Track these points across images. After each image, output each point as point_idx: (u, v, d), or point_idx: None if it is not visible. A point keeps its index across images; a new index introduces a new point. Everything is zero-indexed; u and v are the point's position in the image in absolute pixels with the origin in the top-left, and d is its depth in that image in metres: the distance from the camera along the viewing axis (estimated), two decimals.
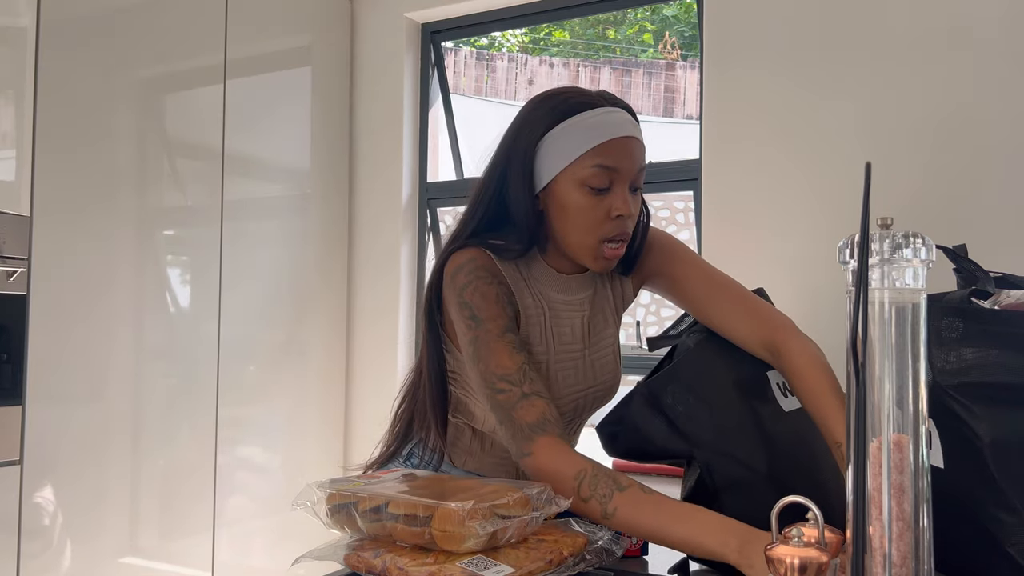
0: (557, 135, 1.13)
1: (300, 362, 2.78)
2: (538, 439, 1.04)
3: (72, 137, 2.10)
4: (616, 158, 1.12)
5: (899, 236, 0.72)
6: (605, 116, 1.13)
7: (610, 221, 1.13)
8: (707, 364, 1.14)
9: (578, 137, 1.12)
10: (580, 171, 1.12)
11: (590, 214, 1.12)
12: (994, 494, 0.88)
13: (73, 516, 2.08)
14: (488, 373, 1.09)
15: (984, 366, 0.90)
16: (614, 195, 1.13)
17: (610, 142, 1.12)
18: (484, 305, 1.12)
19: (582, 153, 1.11)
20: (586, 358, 1.24)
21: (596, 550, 0.93)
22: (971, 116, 2.07)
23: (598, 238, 1.13)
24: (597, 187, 1.12)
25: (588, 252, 1.15)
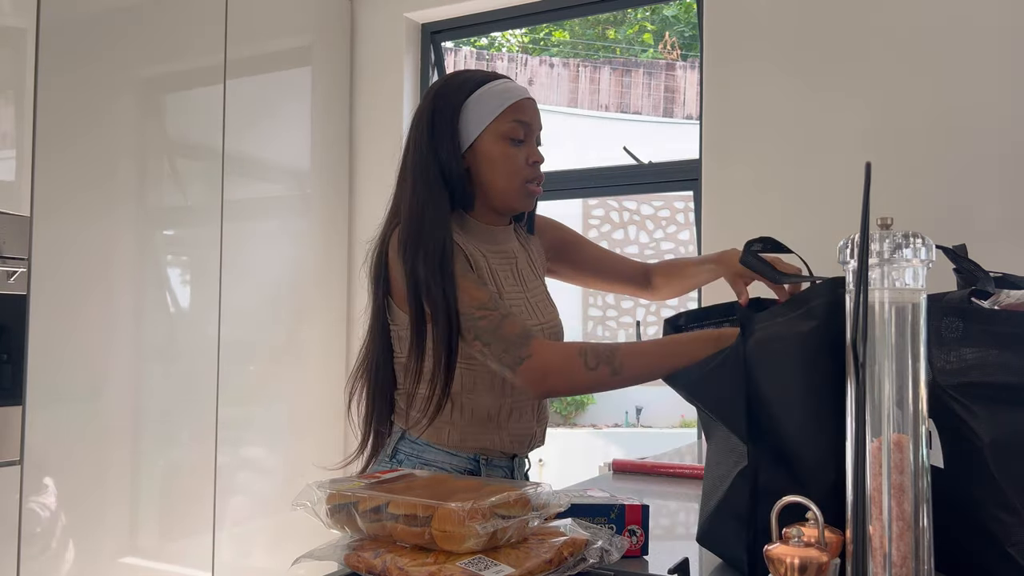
0: (475, 100, 1.33)
1: (300, 362, 2.78)
2: (532, 342, 1.18)
3: (72, 137, 2.10)
4: (528, 114, 1.34)
5: (899, 236, 0.72)
6: (510, 83, 1.36)
7: (528, 167, 1.34)
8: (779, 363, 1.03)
9: (495, 99, 1.32)
10: (501, 126, 1.32)
11: (513, 161, 1.33)
12: (994, 494, 0.88)
13: (73, 516, 2.08)
14: (464, 308, 1.22)
15: (984, 366, 0.90)
16: (529, 146, 1.34)
17: (521, 101, 1.34)
18: None
19: (501, 111, 1.32)
20: (528, 299, 1.39)
21: (596, 550, 0.93)
22: (971, 116, 2.07)
23: (522, 180, 1.34)
24: (517, 138, 1.33)
25: (515, 193, 1.35)
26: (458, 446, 1.32)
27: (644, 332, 8.63)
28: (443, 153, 1.32)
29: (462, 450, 1.32)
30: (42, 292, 2.01)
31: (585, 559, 0.92)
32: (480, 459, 1.34)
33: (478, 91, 1.33)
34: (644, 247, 9.40)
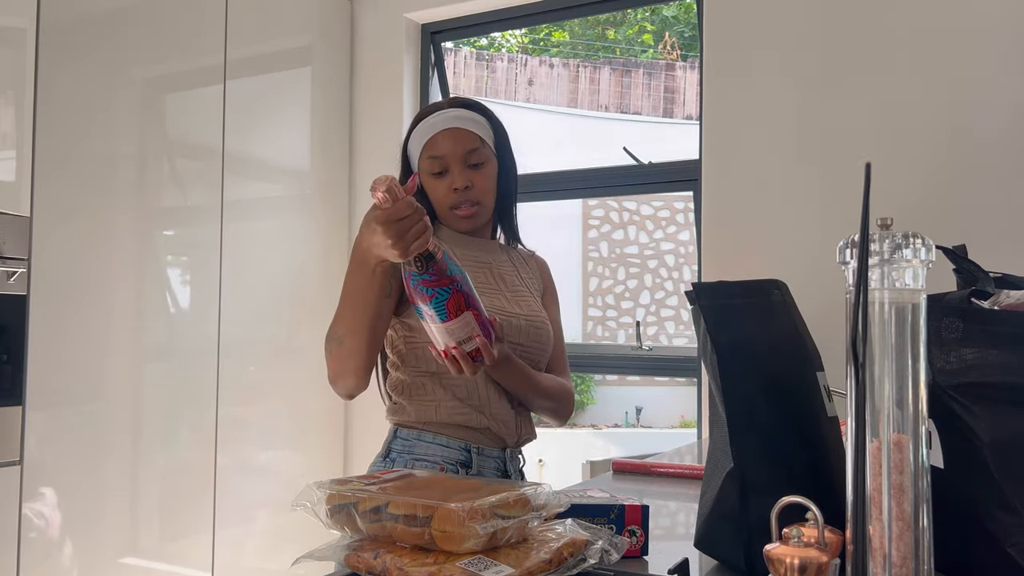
0: (411, 141, 1.47)
1: (300, 362, 2.78)
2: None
3: (72, 137, 2.10)
4: (440, 148, 1.41)
5: (899, 236, 0.72)
6: (434, 118, 1.44)
7: (452, 194, 1.42)
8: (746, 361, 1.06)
9: (416, 140, 1.45)
10: (423, 164, 1.44)
11: (437, 192, 1.44)
12: (994, 494, 0.88)
13: (73, 516, 2.08)
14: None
15: (984, 366, 0.90)
16: (450, 175, 1.42)
17: (435, 136, 1.42)
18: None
19: (420, 149, 1.44)
20: (507, 296, 1.45)
21: (596, 550, 0.93)
22: (971, 116, 2.07)
23: (447, 207, 1.43)
24: (435, 172, 1.43)
25: (447, 218, 1.45)
26: (447, 428, 1.35)
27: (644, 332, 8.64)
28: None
29: (453, 436, 1.34)
30: (42, 292, 2.01)
31: (585, 559, 0.92)
32: (472, 448, 1.35)
33: (413, 131, 1.46)
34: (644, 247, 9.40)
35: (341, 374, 1.35)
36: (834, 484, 0.96)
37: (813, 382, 1.01)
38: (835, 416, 1.03)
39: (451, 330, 1.17)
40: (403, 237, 1.09)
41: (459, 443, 1.36)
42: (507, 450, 1.41)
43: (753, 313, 1.01)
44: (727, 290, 1.02)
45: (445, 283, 1.14)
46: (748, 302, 1.02)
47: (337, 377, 1.36)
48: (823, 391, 1.02)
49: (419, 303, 1.16)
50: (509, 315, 1.40)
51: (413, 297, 1.16)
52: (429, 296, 1.14)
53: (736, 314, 1.01)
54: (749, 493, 0.96)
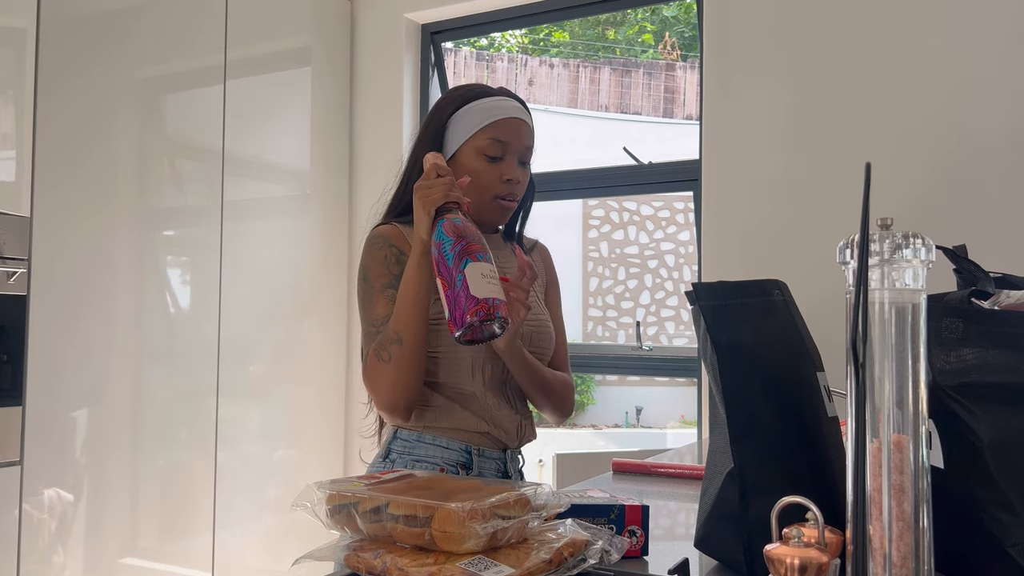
0: (461, 115, 1.38)
1: (300, 362, 2.78)
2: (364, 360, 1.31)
3: (72, 137, 2.10)
4: (507, 134, 1.37)
5: (899, 236, 0.72)
6: (499, 101, 1.40)
7: (502, 184, 1.38)
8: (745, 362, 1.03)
9: (477, 116, 1.38)
10: (479, 142, 1.37)
11: (486, 177, 1.37)
12: (994, 494, 0.88)
13: (73, 516, 2.08)
14: (365, 319, 1.35)
15: (984, 366, 0.90)
16: (506, 164, 1.38)
17: (502, 120, 1.37)
18: (373, 265, 1.36)
19: (481, 127, 1.37)
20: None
21: (596, 551, 0.93)
22: (971, 116, 2.07)
23: (492, 195, 1.38)
24: (492, 155, 1.37)
25: (485, 207, 1.39)
26: (447, 431, 1.35)
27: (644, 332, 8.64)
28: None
29: (453, 439, 1.34)
30: (42, 292, 2.01)
31: (585, 559, 0.92)
32: (472, 450, 1.35)
33: (467, 105, 1.39)
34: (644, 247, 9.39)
35: (402, 382, 1.26)
36: (834, 484, 0.96)
37: (813, 382, 1.01)
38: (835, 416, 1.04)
39: (482, 273, 1.13)
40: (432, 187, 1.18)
41: (459, 445, 1.35)
42: (507, 451, 1.41)
43: (753, 313, 1.01)
44: (727, 290, 1.02)
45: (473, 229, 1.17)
46: (748, 302, 1.02)
47: (396, 387, 1.27)
48: (823, 391, 1.02)
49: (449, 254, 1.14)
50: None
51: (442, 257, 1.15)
52: (459, 241, 1.14)
53: (736, 314, 1.01)
54: (749, 493, 0.96)
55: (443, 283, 1.14)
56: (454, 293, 1.12)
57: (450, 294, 1.13)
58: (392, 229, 1.39)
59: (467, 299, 1.11)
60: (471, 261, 1.12)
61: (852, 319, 0.67)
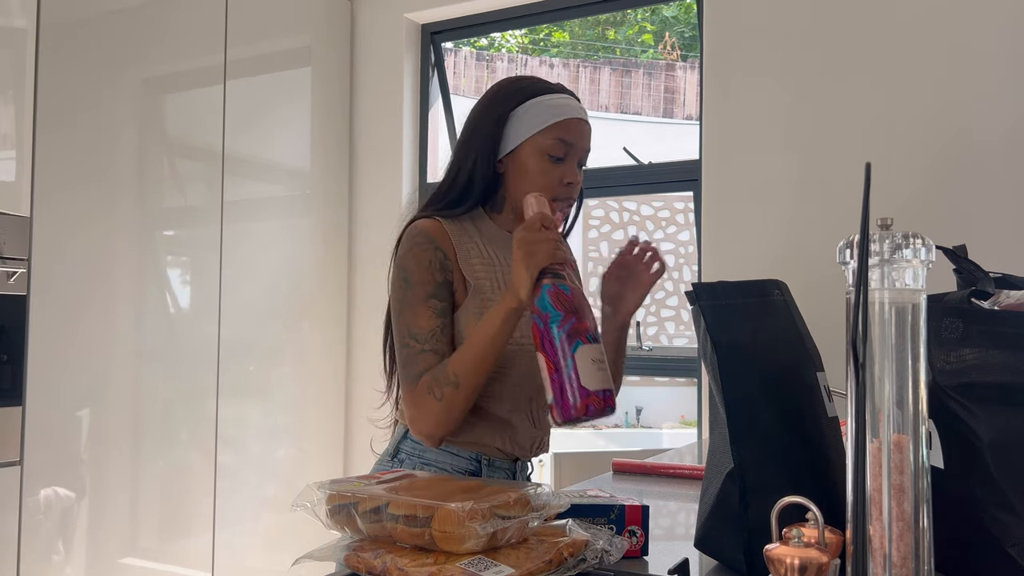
0: (526, 109, 1.32)
1: (300, 362, 2.78)
2: (412, 387, 1.23)
3: (72, 137, 2.10)
4: (573, 135, 1.32)
5: (899, 236, 0.72)
6: (566, 100, 1.34)
7: (561, 186, 1.32)
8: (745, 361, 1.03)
9: (544, 113, 1.31)
10: (544, 141, 1.31)
11: (546, 178, 1.31)
12: (994, 494, 0.88)
13: (73, 516, 2.08)
14: (403, 328, 1.27)
15: (984, 366, 0.90)
16: (567, 166, 1.32)
17: (569, 120, 1.32)
18: (417, 270, 1.28)
19: (547, 126, 1.31)
20: None
21: (596, 551, 0.93)
22: (971, 116, 2.07)
23: (550, 198, 1.29)
24: (556, 156, 1.31)
25: None
26: (460, 444, 1.32)
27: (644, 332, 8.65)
28: (479, 155, 1.33)
29: (464, 448, 1.32)
30: (42, 292, 2.01)
31: (585, 559, 0.92)
32: (482, 459, 1.33)
33: (531, 100, 1.33)
34: None
35: (446, 421, 1.22)
36: (834, 484, 0.96)
37: (813, 382, 1.01)
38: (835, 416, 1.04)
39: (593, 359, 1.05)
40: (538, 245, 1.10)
41: (470, 454, 1.33)
42: (518, 461, 1.38)
43: (753, 313, 1.01)
44: (727, 290, 1.02)
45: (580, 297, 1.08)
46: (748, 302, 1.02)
47: (440, 425, 1.22)
48: (823, 391, 1.02)
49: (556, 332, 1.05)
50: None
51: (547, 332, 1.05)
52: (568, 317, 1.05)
53: (736, 314, 1.01)
54: (749, 493, 0.96)
55: (548, 362, 1.04)
56: (561, 379, 1.02)
57: (556, 378, 1.02)
58: (435, 225, 1.31)
59: (578, 391, 1.01)
60: (582, 344, 1.02)
61: (852, 319, 0.67)
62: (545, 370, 1.04)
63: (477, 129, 1.35)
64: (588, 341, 1.03)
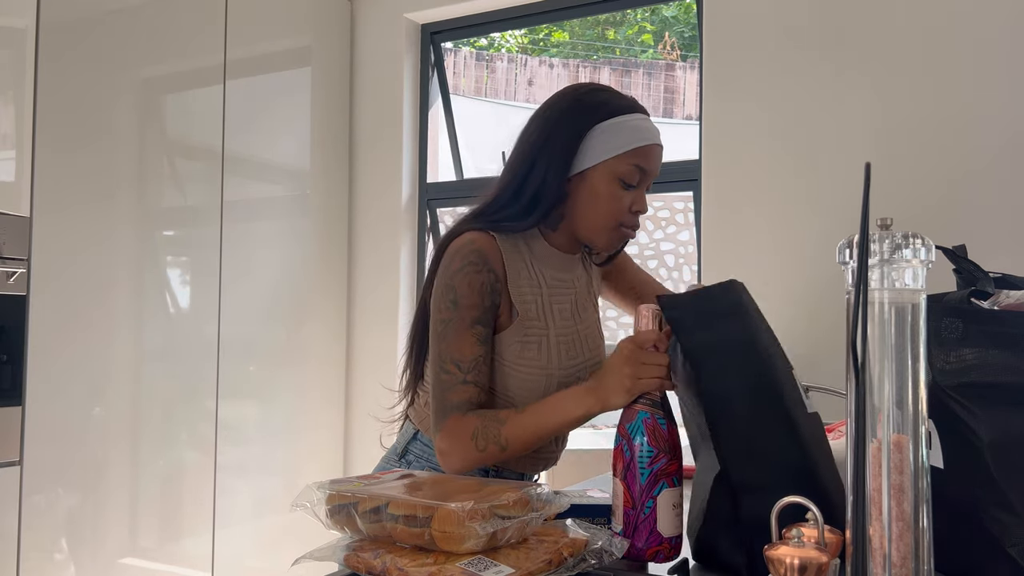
0: (606, 128, 1.24)
1: (300, 362, 2.78)
2: (450, 417, 1.19)
3: (72, 137, 2.10)
4: (650, 162, 1.26)
5: (899, 236, 0.72)
6: (646, 122, 1.27)
7: (629, 214, 1.26)
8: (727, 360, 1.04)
9: (625, 136, 1.24)
10: (620, 166, 1.24)
11: (616, 204, 1.25)
12: (994, 494, 0.88)
13: (73, 517, 2.08)
14: (445, 353, 1.21)
15: (984, 366, 0.90)
16: (638, 193, 1.27)
17: (649, 147, 1.25)
18: (467, 293, 1.21)
19: (626, 151, 1.23)
20: (579, 333, 1.33)
21: (596, 551, 0.93)
22: (971, 116, 2.07)
23: (617, 223, 1.26)
24: (630, 183, 1.25)
25: (606, 234, 1.27)
26: None
27: None
28: (551, 168, 1.25)
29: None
30: (42, 292, 2.01)
31: (585, 559, 0.92)
32: (490, 470, 1.32)
33: (612, 119, 1.24)
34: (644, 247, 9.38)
35: (475, 464, 1.19)
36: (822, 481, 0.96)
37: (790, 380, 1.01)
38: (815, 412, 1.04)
39: (673, 504, 1.01)
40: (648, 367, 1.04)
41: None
42: (524, 476, 1.37)
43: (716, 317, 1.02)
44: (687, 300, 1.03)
45: (673, 434, 1.03)
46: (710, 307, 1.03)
47: (468, 466, 1.19)
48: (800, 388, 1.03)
49: (644, 470, 1.01)
50: (581, 364, 1.33)
51: (633, 463, 1.01)
52: (659, 457, 1.01)
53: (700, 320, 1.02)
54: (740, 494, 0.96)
55: (626, 495, 1.00)
56: (637, 517, 0.99)
57: (631, 515, 0.99)
58: (490, 243, 1.24)
59: (651, 535, 0.99)
60: (667, 487, 0.99)
61: (852, 319, 0.67)
62: (621, 500, 1.01)
63: (552, 139, 1.25)
64: (673, 484, 1.00)
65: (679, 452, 1.01)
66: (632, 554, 1.00)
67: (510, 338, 1.24)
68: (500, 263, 1.24)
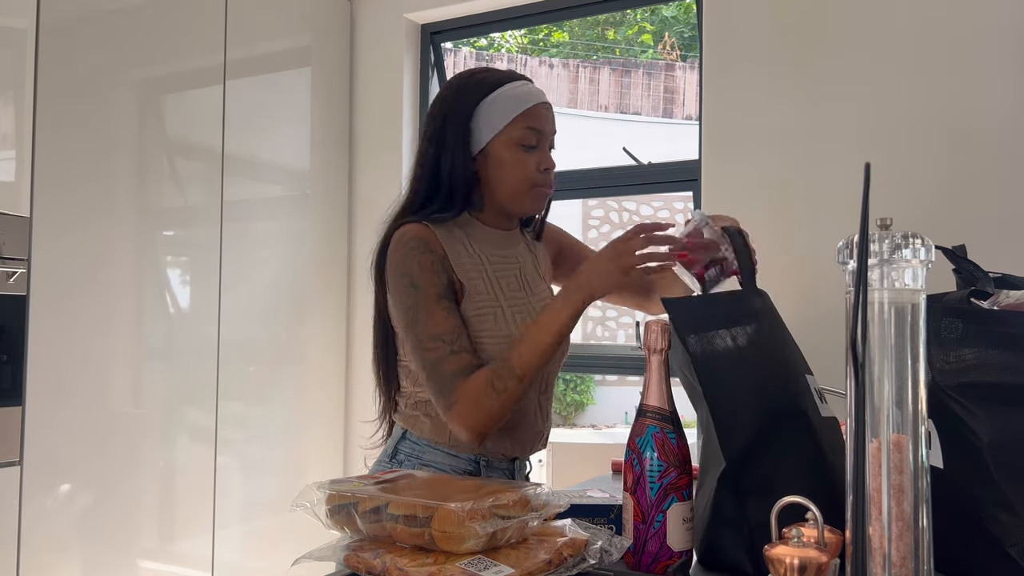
0: (490, 103, 1.32)
1: (300, 362, 2.78)
2: (459, 386, 1.21)
3: (72, 137, 2.10)
4: (541, 121, 1.34)
5: (898, 237, 0.72)
6: (526, 87, 1.35)
7: (539, 174, 1.34)
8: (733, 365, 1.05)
9: (509, 104, 1.32)
10: (514, 132, 1.32)
11: (523, 168, 1.33)
12: (994, 494, 0.88)
13: (73, 516, 2.08)
14: (422, 333, 1.24)
15: (983, 366, 0.90)
16: (541, 152, 1.34)
17: (536, 107, 1.33)
18: (422, 273, 1.26)
19: (514, 117, 1.31)
20: (532, 304, 1.38)
21: (596, 551, 0.93)
22: (971, 116, 2.07)
23: (531, 185, 1.34)
24: (529, 145, 1.33)
25: (524, 197, 1.35)
26: (459, 447, 1.32)
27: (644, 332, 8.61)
28: (454, 155, 1.33)
29: (462, 450, 1.32)
30: (42, 292, 2.01)
31: (585, 559, 0.92)
32: (480, 461, 1.34)
33: (493, 94, 1.32)
34: None
35: (502, 414, 1.22)
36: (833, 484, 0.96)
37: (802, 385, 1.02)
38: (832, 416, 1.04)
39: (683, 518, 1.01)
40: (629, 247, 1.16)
41: (468, 455, 1.33)
42: (516, 460, 1.39)
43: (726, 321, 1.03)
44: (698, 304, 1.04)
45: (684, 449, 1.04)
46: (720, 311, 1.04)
47: (495, 420, 1.22)
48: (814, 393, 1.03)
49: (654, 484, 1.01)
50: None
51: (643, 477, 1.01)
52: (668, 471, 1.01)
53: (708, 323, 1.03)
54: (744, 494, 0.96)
55: (636, 509, 1.00)
56: (647, 532, 1.00)
57: (641, 529, 1.00)
58: (425, 231, 1.30)
59: (661, 549, 0.99)
60: (677, 501, 0.99)
61: (852, 319, 0.67)
62: (631, 514, 1.01)
63: (446, 130, 1.33)
64: (683, 499, 1.00)
65: (689, 466, 1.01)
66: (642, 568, 1.00)
67: (466, 313, 1.29)
68: (439, 246, 1.30)
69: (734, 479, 0.97)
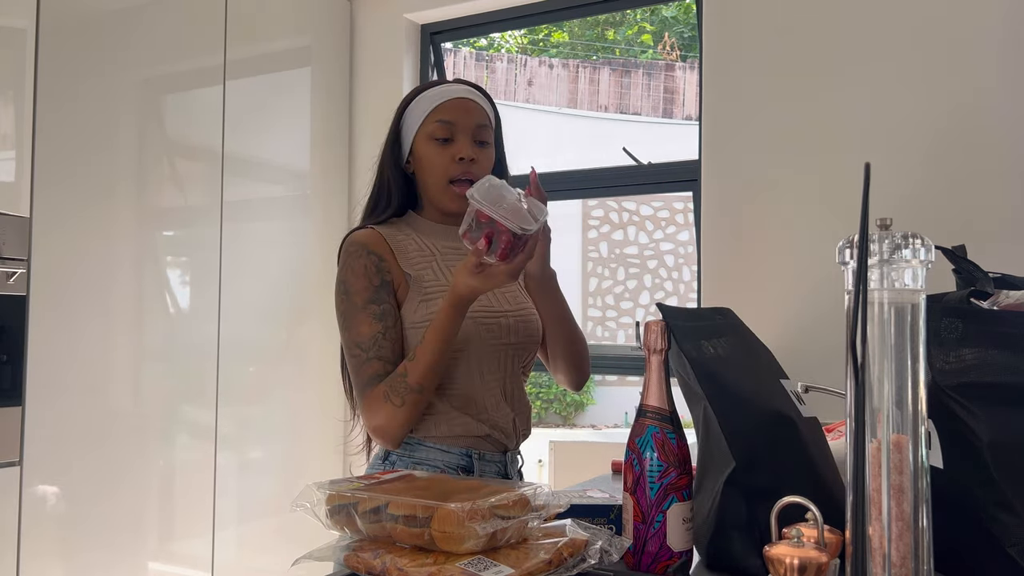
0: (411, 108, 1.42)
1: (300, 362, 2.78)
2: (366, 394, 1.28)
3: (72, 137, 2.10)
4: (452, 113, 1.38)
5: (898, 237, 0.72)
6: (445, 87, 1.41)
7: (455, 164, 1.37)
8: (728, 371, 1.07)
9: (425, 103, 1.40)
10: (427, 128, 1.39)
11: (438, 161, 1.37)
12: (994, 494, 0.88)
13: (73, 516, 2.08)
14: (349, 340, 1.32)
15: (983, 366, 0.90)
16: (457, 144, 1.38)
17: (447, 102, 1.39)
18: (352, 279, 1.34)
19: (427, 113, 1.39)
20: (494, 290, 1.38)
21: (596, 551, 0.93)
22: (971, 116, 2.07)
23: (447, 179, 1.37)
24: (441, 137, 1.37)
25: (443, 193, 1.39)
26: (448, 438, 1.34)
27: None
28: (387, 165, 1.44)
29: (453, 444, 1.34)
30: (42, 292, 2.01)
31: (585, 559, 0.92)
32: (473, 454, 1.35)
33: (416, 98, 1.42)
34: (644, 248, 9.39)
35: (408, 423, 1.28)
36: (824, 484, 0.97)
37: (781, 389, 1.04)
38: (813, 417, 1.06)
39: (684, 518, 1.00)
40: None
41: (460, 449, 1.35)
42: (507, 453, 1.41)
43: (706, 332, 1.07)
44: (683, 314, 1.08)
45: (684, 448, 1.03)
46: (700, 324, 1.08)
47: (404, 428, 1.28)
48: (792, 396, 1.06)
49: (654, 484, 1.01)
50: (498, 314, 1.38)
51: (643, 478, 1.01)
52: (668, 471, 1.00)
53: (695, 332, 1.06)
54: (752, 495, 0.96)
55: (636, 509, 1.00)
56: (647, 532, 0.99)
57: (641, 529, 0.99)
58: (371, 234, 1.38)
59: (661, 549, 0.98)
60: (677, 501, 0.99)
61: (852, 319, 0.67)
62: (631, 515, 1.01)
63: (385, 142, 1.46)
64: (683, 499, 0.99)
65: (689, 466, 1.01)
66: (642, 568, 1.00)
67: (413, 301, 1.33)
68: (384, 246, 1.36)
69: (743, 481, 0.97)
